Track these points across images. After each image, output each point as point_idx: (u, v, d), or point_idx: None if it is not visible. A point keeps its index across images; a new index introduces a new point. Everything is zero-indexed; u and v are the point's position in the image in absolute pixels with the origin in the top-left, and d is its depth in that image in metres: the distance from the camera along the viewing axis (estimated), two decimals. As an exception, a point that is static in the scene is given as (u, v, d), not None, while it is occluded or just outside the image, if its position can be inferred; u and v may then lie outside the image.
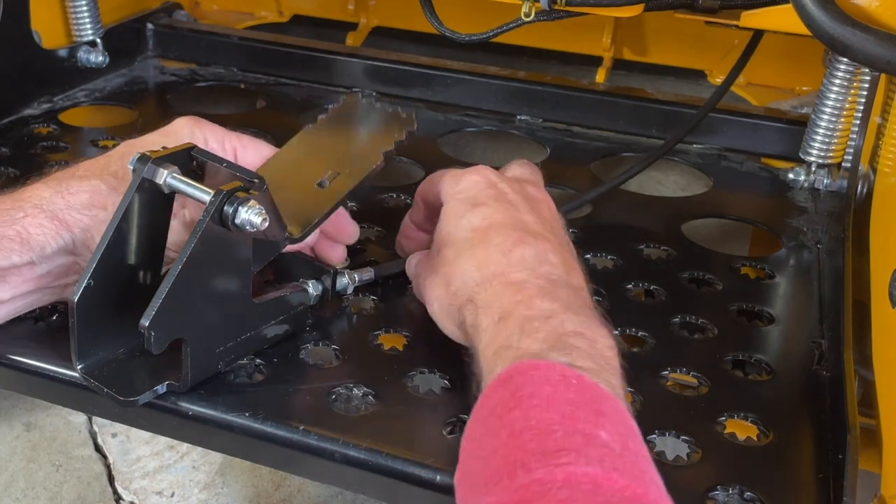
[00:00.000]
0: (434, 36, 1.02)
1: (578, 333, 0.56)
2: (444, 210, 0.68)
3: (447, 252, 0.65)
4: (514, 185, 0.70)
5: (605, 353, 0.56)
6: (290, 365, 0.69)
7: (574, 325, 0.57)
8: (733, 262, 0.86)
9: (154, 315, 0.58)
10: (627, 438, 0.50)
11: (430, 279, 0.66)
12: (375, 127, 0.78)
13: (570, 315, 0.58)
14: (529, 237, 0.64)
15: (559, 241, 0.66)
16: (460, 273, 0.63)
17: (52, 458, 1.21)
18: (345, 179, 0.73)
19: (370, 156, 0.74)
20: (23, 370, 0.69)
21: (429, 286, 0.66)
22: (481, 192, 0.68)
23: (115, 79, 1.25)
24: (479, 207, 0.66)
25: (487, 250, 0.63)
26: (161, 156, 0.63)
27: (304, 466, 0.65)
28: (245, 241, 0.62)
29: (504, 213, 0.66)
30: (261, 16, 1.58)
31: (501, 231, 0.64)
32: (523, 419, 0.50)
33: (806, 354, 0.74)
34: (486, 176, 0.69)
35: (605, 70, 1.43)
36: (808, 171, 1.01)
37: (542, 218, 0.67)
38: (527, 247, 0.63)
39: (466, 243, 0.64)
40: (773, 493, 0.59)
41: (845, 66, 0.95)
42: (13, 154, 1.02)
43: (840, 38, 0.72)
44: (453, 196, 0.68)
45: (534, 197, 0.70)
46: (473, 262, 0.63)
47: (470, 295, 0.62)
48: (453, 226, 0.66)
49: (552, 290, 0.60)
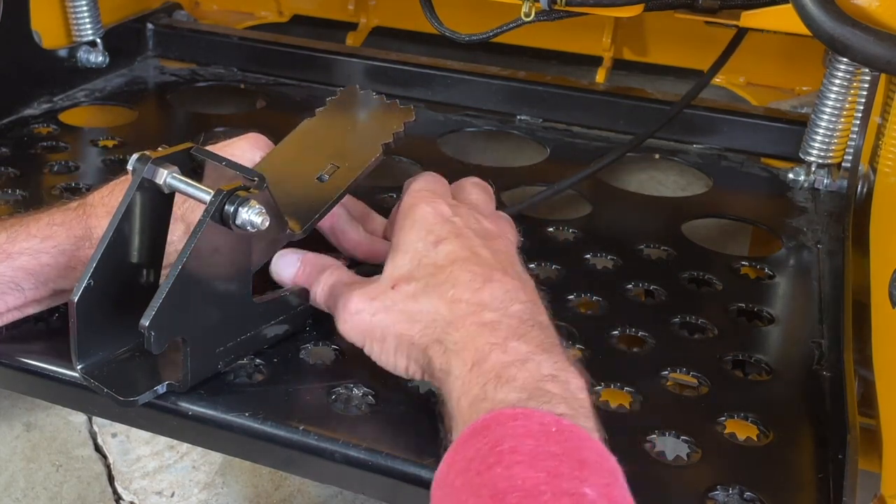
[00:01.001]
0: (434, 36, 1.02)
1: (552, 377, 0.55)
2: (399, 242, 0.65)
3: (407, 287, 0.62)
4: (469, 219, 0.67)
5: (578, 396, 0.55)
6: (290, 365, 0.68)
7: (549, 368, 0.55)
8: (733, 262, 0.86)
9: (154, 315, 0.58)
10: (612, 488, 0.49)
11: (384, 315, 0.62)
12: (374, 119, 0.77)
13: (545, 357, 0.56)
14: (497, 274, 0.62)
15: (521, 278, 0.64)
16: (427, 311, 0.61)
17: (52, 458, 1.21)
18: (344, 173, 0.72)
19: (369, 148, 0.74)
20: (23, 370, 0.69)
21: (381, 322, 0.62)
22: (438, 226, 0.65)
23: (115, 79, 1.25)
24: (440, 244, 0.63)
25: (456, 288, 0.61)
26: (161, 156, 0.63)
27: (304, 466, 0.65)
28: (245, 240, 0.62)
29: (467, 249, 0.63)
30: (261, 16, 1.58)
31: (467, 268, 0.62)
32: (507, 478, 0.48)
33: (806, 354, 0.73)
34: (439, 209, 0.66)
35: (605, 70, 1.43)
36: (808, 171, 1.01)
37: (499, 255, 0.65)
38: (496, 284, 0.61)
39: (431, 279, 0.62)
40: (773, 493, 0.59)
41: (845, 66, 0.95)
42: (13, 154, 1.02)
43: (840, 38, 0.72)
44: (409, 230, 0.65)
45: (490, 232, 0.67)
46: (442, 301, 0.60)
47: (438, 335, 0.59)
48: (413, 261, 0.63)
49: (525, 331, 0.58)
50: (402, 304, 0.62)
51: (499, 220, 0.70)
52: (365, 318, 0.63)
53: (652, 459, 0.61)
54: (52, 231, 0.68)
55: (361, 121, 0.77)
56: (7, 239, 0.67)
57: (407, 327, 0.61)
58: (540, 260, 0.84)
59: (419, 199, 0.67)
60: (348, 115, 0.78)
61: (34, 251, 0.67)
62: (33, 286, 0.67)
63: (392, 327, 0.62)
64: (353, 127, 0.77)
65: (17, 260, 0.67)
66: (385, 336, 0.62)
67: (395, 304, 0.62)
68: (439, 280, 0.62)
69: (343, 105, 0.78)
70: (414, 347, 0.61)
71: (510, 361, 0.55)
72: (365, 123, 0.77)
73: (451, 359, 0.58)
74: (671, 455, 0.62)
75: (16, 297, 0.67)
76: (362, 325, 0.63)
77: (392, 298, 0.63)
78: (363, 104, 0.79)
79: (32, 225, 0.69)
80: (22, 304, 0.68)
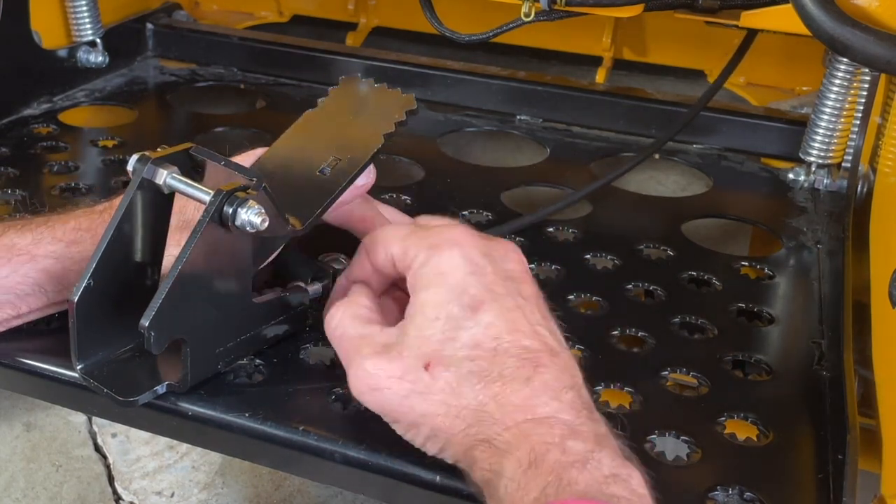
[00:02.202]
0: (434, 36, 1.02)
1: (614, 477, 0.50)
2: (427, 300, 0.57)
3: (446, 375, 0.55)
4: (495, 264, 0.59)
5: (640, 492, 0.51)
6: (290, 365, 0.68)
7: (609, 467, 0.51)
8: (733, 262, 0.86)
9: (154, 315, 0.58)
10: None
11: (419, 402, 0.55)
12: (375, 108, 0.77)
13: (605, 454, 0.51)
14: (545, 355, 0.56)
15: (559, 341, 0.58)
16: (472, 407, 0.54)
17: (52, 458, 1.21)
18: (346, 165, 0.72)
19: (370, 139, 0.73)
20: (23, 370, 0.69)
21: (415, 409, 0.55)
22: (469, 280, 0.57)
23: (114, 79, 1.25)
24: (478, 313, 0.56)
25: (504, 379, 0.54)
26: (160, 156, 0.63)
27: (304, 466, 0.65)
28: (245, 240, 0.62)
29: (508, 318, 0.56)
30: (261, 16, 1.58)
31: (512, 350, 0.55)
32: None
33: (806, 354, 0.73)
34: (471, 253, 0.58)
35: (605, 70, 1.43)
36: (808, 171, 1.01)
37: (532, 313, 0.58)
38: (545, 370, 0.55)
39: (472, 366, 0.55)
40: (773, 493, 0.59)
41: (845, 66, 0.95)
42: (13, 154, 1.02)
43: (840, 38, 0.72)
44: (436, 282, 0.57)
45: (513, 274, 0.60)
46: (489, 395, 0.54)
47: (487, 435, 0.53)
48: (447, 335, 0.55)
49: (580, 424, 0.53)
50: (441, 395, 0.55)
51: (507, 249, 0.62)
52: (392, 399, 0.56)
53: (652, 459, 0.61)
54: (78, 236, 0.68)
55: (362, 110, 0.77)
56: (33, 241, 0.67)
57: (448, 423, 0.55)
58: (540, 260, 0.84)
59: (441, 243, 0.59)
60: (349, 105, 0.77)
61: (59, 256, 0.67)
62: (56, 290, 0.67)
63: (430, 419, 0.55)
64: (354, 117, 0.76)
65: (42, 263, 0.67)
66: (419, 424, 0.56)
67: (432, 392, 0.55)
68: (483, 368, 0.55)
69: (343, 95, 0.78)
70: (454, 444, 0.55)
71: (570, 462, 0.50)
72: (366, 113, 0.76)
73: (502, 459, 0.52)
74: (671, 455, 0.62)
75: (38, 299, 0.67)
76: (389, 404, 0.56)
77: (426, 384, 0.55)
78: (364, 93, 0.78)
79: (59, 228, 0.68)
80: (44, 305, 0.68)
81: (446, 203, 0.94)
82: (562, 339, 0.59)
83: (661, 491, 0.59)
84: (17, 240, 0.67)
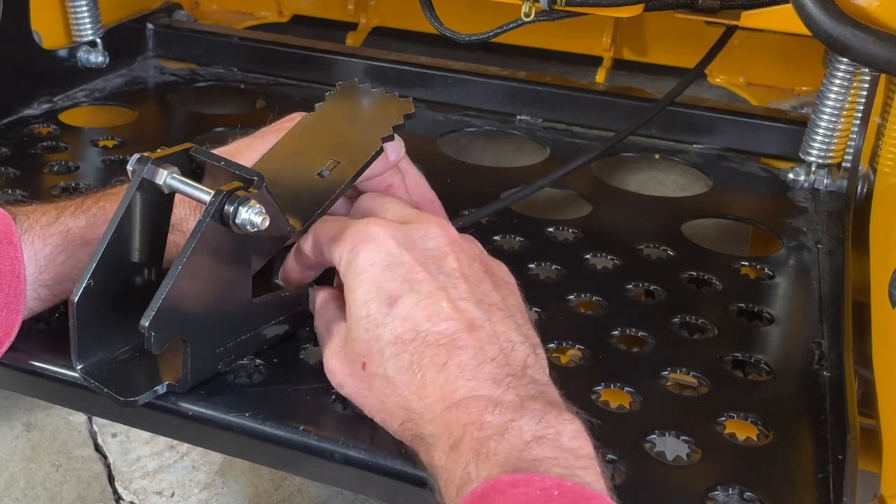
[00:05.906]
0: (434, 36, 1.02)
1: (538, 439, 0.50)
2: (352, 301, 0.59)
3: (376, 371, 0.57)
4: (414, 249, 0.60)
5: (570, 447, 0.51)
6: (290, 365, 0.68)
7: (531, 431, 0.51)
8: (733, 262, 0.86)
9: (154, 315, 0.58)
10: None
11: (366, 399, 0.60)
12: (373, 112, 0.77)
13: (527, 418, 0.51)
14: (463, 333, 0.56)
15: (487, 300, 0.59)
16: (400, 406, 0.56)
17: (52, 458, 1.21)
18: (345, 168, 0.72)
19: (369, 142, 0.73)
20: (23, 370, 0.69)
21: (364, 404, 0.60)
22: (385, 275, 0.58)
23: (115, 79, 1.25)
24: (394, 307, 0.57)
25: (423, 370, 0.55)
26: (160, 156, 0.63)
27: (304, 466, 0.65)
28: (245, 240, 0.62)
29: (425, 305, 0.57)
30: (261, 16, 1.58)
31: (430, 338, 0.56)
32: None
33: (806, 354, 0.73)
34: (386, 245, 0.59)
35: (605, 70, 1.43)
36: (808, 171, 1.01)
37: (457, 283, 0.59)
38: (461, 351, 0.55)
39: (394, 361, 0.56)
40: (773, 493, 0.59)
41: (845, 66, 0.95)
42: (13, 154, 1.02)
43: (840, 38, 0.72)
44: (356, 282, 0.59)
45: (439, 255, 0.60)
46: (411, 390, 0.56)
47: (416, 431, 0.56)
48: (371, 335, 0.57)
49: (500, 395, 0.53)
50: (378, 392, 0.58)
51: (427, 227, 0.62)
52: (351, 394, 0.61)
53: (652, 459, 0.61)
54: None
55: (360, 115, 0.77)
56: (87, 224, 0.68)
57: (388, 419, 0.58)
58: (540, 260, 0.84)
59: (361, 238, 0.60)
60: (347, 109, 0.78)
61: None
62: None
63: (377, 415, 0.60)
64: (352, 121, 0.76)
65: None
66: (373, 415, 0.60)
67: (371, 390, 0.59)
68: (406, 362, 0.56)
69: (342, 99, 0.78)
70: (400, 437, 0.59)
71: (488, 436, 0.51)
72: (364, 117, 0.77)
73: (431, 451, 0.54)
74: (671, 455, 0.62)
75: None
76: (352, 398, 0.62)
77: (367, 384, 0.59)
78: (362, 98, 0.78)
79: (110, 210, 0.68)
80: None
81: (446, 203, 0.94)
82: (497, 300, 0.60)
83: (661, 491, 0.59)
84: (71, 224, 0.68)
